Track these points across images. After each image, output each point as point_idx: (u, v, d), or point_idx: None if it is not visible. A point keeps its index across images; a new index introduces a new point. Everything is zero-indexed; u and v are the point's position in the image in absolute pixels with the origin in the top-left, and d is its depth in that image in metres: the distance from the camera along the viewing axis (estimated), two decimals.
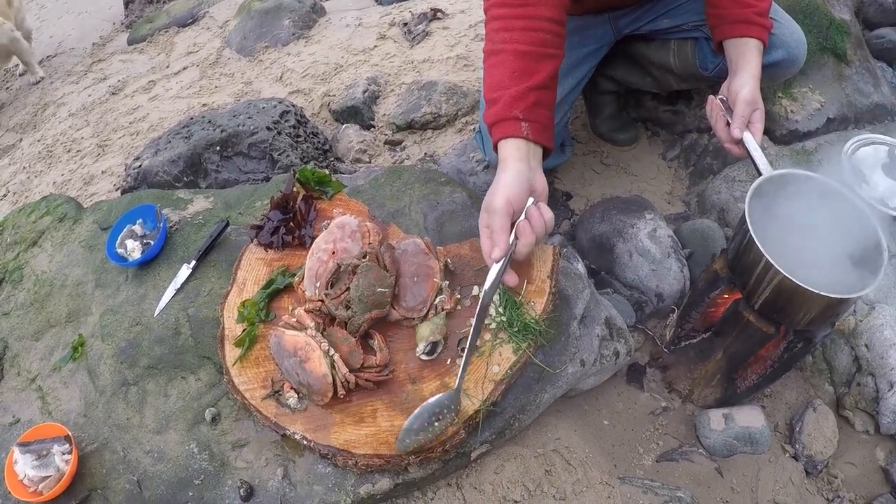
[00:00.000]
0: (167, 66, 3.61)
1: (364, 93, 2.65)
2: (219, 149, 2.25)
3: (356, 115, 2.62)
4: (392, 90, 2.70)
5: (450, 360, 1.36)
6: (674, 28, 1.83)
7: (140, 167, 2.27)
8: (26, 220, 1.94)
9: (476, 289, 1.44)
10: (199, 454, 1.37)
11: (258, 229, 1.60)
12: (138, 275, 1.67)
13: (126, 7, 4.81)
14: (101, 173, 2.84)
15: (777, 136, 2.17)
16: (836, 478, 1.65)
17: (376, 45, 3.04)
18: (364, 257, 1.45)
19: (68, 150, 3.15)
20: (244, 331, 1.45)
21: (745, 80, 1.48)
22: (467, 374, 1.33)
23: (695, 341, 1.68)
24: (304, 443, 1.30)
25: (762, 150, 1.46)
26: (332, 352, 1.33)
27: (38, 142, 3.38)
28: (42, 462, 1.35)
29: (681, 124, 2.31)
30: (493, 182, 1.26)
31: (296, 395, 1.35)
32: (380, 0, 3.53)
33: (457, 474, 1.39)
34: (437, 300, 1.42)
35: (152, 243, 1.67)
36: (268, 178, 2.18)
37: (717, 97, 1.54)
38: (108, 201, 1.95)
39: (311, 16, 3.43)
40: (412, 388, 1.34)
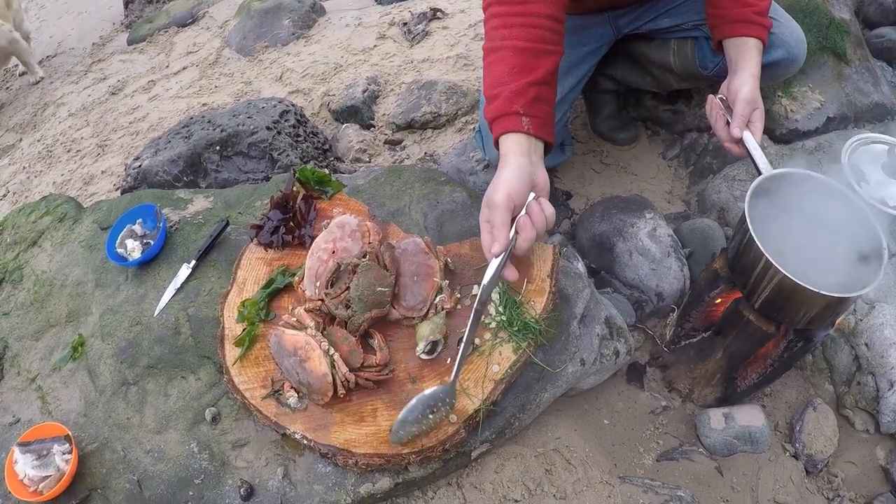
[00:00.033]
0: (167, 66, 3.61)
1: (364, 92, 2.65)
2: (218, 148, 2.25)
3: (356, 114, 2.62)
4: (392, 90, 2.70)
5: (450, 359, 1.36)
6: (674, 27, 1.83)
7: (140, 167, 2.27)
8: (26, 219, 1.94)
9: (476, 288, 1.44)
10: (200, 454, 1.37)
11: (258, 229, 1.60)
12: (138, 274, 1.67)
13: (126, 7, 4.81)
14: (101, 173, 2.84)
15: (777, 135, 2.17)
16: (837, 477, 1.65)
17: (376, 45, 3.04)
18: (364, 257, 1.45)
19: (68, 150, 3.15)
20: (244, 330, 1.45)
21: (745, 80, 1.48)
22: (467, 374, 1.33)
23: (695, 340, 1.68)
24: (305, 442, 1.30)
25: (762, 149, 1.46)
26: (332, 351, 1.33)
27: (38, 142, 3.38)
28: (42, 462, 1.35)
29: (681, 123, 2.31)
30: (494, 177, 1.26)
31: (296, 395, 1.35)
32: (379, 0, 3.52)
33: (457, 473, 1.39)
34: (437, 299, 1.42)
35: (152, 243, 1.67)
36: (268, 178, 2.18)
37: (717, 96, 1.54)
38: (107, 201, 1.95)
39: (310, 15, 3.43)
40: (412, 387, 1.34)
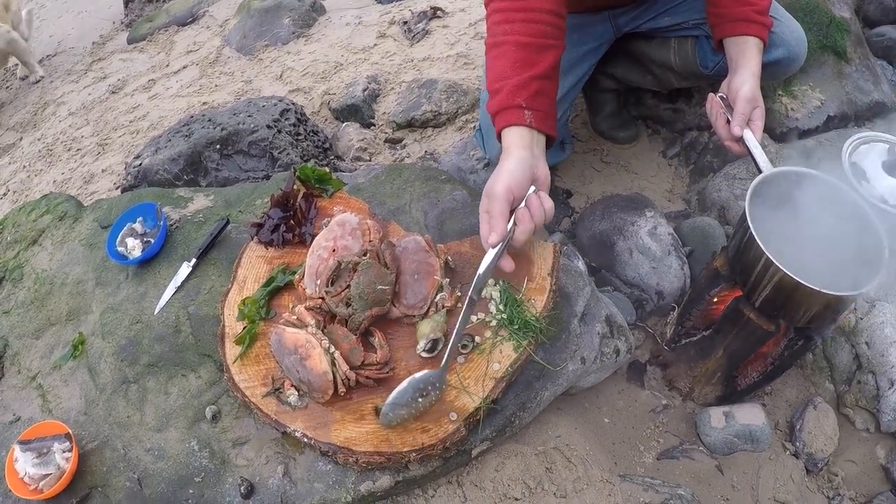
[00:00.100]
0: (167, 65, 3.61)
1: (364, 91, 2.65)
2: (219, 147, 2.25)
3: (356, 113, 2.62)
4: (392, 88, 2.70)
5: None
6: (674, 26, 1.83)
7: (140, 165, 2.27)
8: (26, 218, 1.94)
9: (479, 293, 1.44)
10: (200, 452, 1.37)
11: (258, 227, 1.60)
12: (139, 273, 1.67)
13: (126, 6, 4.81)
14: (102, 172, 2.84)
15: (777, 133, 2.17)
16: (837, 476, 1.65)
17: (376, 44, 3.04)
18: (364, 255, 1.45)
19: (68, 149, 3.15)
20: (244, 328, 1.45)
21: (746, 78, 1.48)
22: (468, 372, 1.33)
23: (695, 339, 1.68)
24: (305, 440, 1.30)
25: (762, 147, 1.46)
26: (332, 349, 1.33)
27: (39, 140, 3.38)
28: (42, 460, 1.35)
29: (681, 122, 2.31)
30: (495, 168, 1.26)
31: (296, 393, 1.35)
32: None
33: (457, 472, 1.39)
34: (438, 298, 1.42)
35: (152, 241, 1.67)
36: (268, 177, 2.18)
37: (718, 95, 1.54)
38: (108, 200, 1.95)
39: (310, 14, 3.43)
40: None
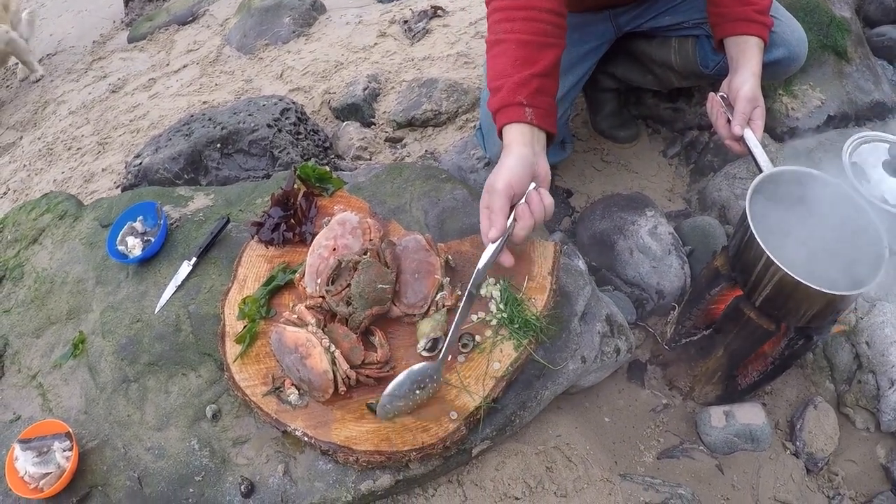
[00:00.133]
0: (167, 64, 3.61)
1: (364, 90, 2.65)
2: (219, 146, 2.25)
3: (357, 112, 2.61)
4: (392, 87, 2.70)
5: (450, 356, 1.36)
6: (675, 25, 1.83)
7: (140, 164, 2.27)
8: (27, 217, 1.94)
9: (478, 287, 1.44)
10: (200, 451, 1.37)
11: (259, 226, 1.60)
12: (139, 272, 1.67)
13: (126, 5, 4.81)
14: (102, 171, 2.84)
15: (778, 133, 2.17)
16: (837, 475, 1.65)
17: (377, 43, 3.04)
18: (365, 254, 1.45)
19: (69, 148, 3.15)
20: (245, 327, 1.45)
21: (746, 78, 1.48)
22: (468, 371, 1.33)
23: (695, 338, 1.68)
24: (305, 439, 1.30)
25: (763, 147, 1.46)
26: (332, 348, 1.33)
27: (39, 140, 3.38)
28: (43, 459, 1.35)
29: (681, 121, 2.31)
30: (496, 165, 1.26)
31: (297, 392, 1.35)
32: None
33: (458, 471, 1.39)
34: (438, 297, 1.42)
35: (153, 240, 1.67)
36: (268, 176, 2.18)
37: (718, 94, 1.54)
38: (108, 198, 1.95)
39: (311, 13, 3.43)
40: None
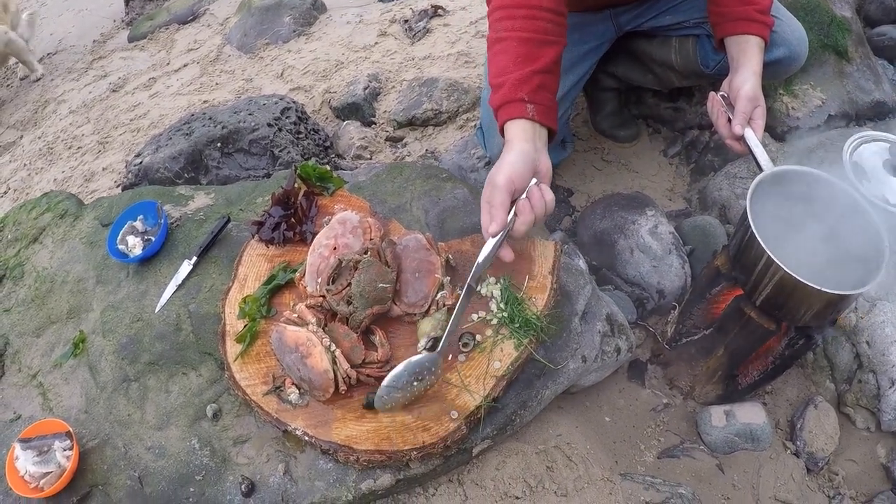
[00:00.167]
0: (168, 63, 3.61)
1: (365, 89, 2.65)
2: (220, 145, 2.25)
3: (357, 111, 2.61)
4: (393, 87, 2.70)
5: (451, 355, 1.36)
6: (675, 25, 1.83)
7: (141, 164, 2.27)
8: (27, 216, 1.94)
9: (479, 286, 1.44)
10: (201, 450, 1.37)
11: (259, 225, 1.60)
12: (139, 271, 1.67)
13: (126, 4, 4.80)
14: (102, 170, 2.84)
15: (778, 132, 2.17)
16: (837, 475, 1.65)
17: (377, 42, 3.04)
18: (365, 253, 1.45)
19: (69, 147, 3.15)
20: (245, 327, 1.45)
21: (747, 77, 1.48)
22: (469, 370, 1.33)
23: (696, 338, 1.68)
24: (306, 438, 1.30)
25: (763, 146, 1.45)
26: (333, 347, 1.33)
27: (39, 139, 3.38)
28: (43, 458, 1.35)
29: (682, 121, 2.31)
30: (498, 160, 1.27)
31: (297, 391, 1.35)
32: None
33: (458, 470, 1.39)
34: (439, 296, 1.42)
35: (153, 239, 1.67)
36: (269, 175, 2.18)
37: (719, 94, 1.54)
38: (108, 198, 1.95)
39: (311, 13, 3.43)
40: None
